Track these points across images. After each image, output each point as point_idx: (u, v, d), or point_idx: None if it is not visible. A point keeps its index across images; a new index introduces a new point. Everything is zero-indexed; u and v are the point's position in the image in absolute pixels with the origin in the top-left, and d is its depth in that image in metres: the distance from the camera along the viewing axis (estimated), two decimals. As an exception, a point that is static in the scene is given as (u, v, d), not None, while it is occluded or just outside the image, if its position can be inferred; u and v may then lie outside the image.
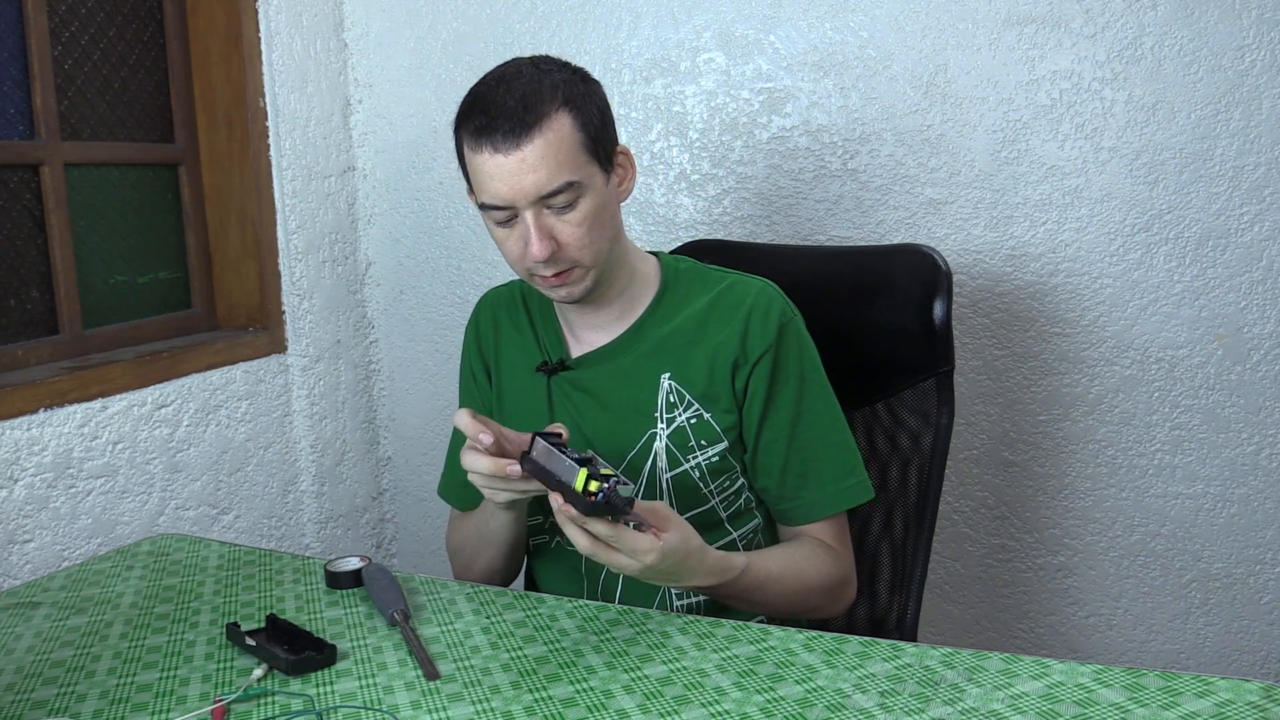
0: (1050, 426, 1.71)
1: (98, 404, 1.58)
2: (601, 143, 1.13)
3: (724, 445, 1.19)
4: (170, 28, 1.86)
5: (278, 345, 1.94)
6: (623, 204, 1.21)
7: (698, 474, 1.19)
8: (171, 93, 1.87)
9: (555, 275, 1.13)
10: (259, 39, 1.86)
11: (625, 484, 0.94)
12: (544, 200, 1.09)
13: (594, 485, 0.93)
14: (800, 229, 1.79)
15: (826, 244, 1.77)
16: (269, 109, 1.89)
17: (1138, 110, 1.59)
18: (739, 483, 1.23)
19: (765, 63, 1.77)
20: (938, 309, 1.31)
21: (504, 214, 1.11)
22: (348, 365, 2.11)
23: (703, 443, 1.19)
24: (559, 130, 1.08)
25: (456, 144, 1.14)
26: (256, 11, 1.85)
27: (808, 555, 1.19)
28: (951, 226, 1.70)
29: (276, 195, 1.91)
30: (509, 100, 1.07)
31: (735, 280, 1.23)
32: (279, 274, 1.93)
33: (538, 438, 1.00)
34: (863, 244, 1.74)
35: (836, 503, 1.20)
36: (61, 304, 1.67)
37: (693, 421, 1.19)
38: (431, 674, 0.98)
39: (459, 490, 1.32)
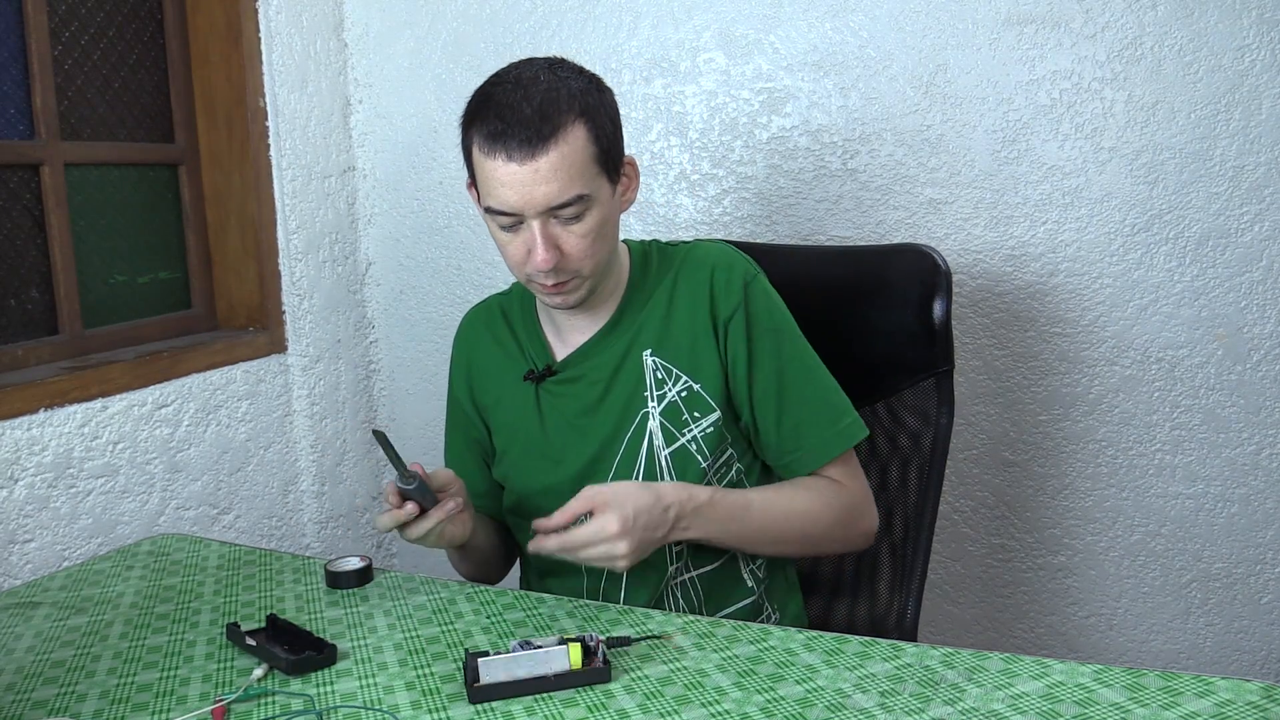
0: (1050, 426, 1.71)
1: (98, 404, 1.58)
2: (612, 154, 1.14)
3: (717, 415, 1.21)
4: (170, 27, 1.85)
5: (278, 345, 1.94)
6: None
7: (694, 447, 1.20)
8: (171, 93, 1.87)
9: (555, 284, 1.14)
10: (259, 38, 1.86)
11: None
12: (552, 211, 1.09)
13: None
14: (800, 229, 1.79)
15: (826, 244, 1.77)
16: (269, 109, 1.89)
17: (1138, 110, 1.59)
18: (732, 453, 1.25)
19: (765, 63, 1.77)
20: (937, 309, 1.31)
21: (510, 220, 1.11)
22: (348, 365, 2.11)
23: (695, 414, 1.20)
24: (574, 143, 1.08)
25: (464, 141, 1.14)
26: (256, 11, 1.85)
27: (804, 485, 1.22)
28: (951, 226, 1.70)
29: (276, 195, 1.91)
30: (526, 108, 1.07)
31: (693, 246, 1.27)
32: (279, 274, 1.93)
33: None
34: (863, 244, 1.74)
35: (834, 447, 1.22)
36: (61, 304, 1.67)
37: (683, 394, 1.20)
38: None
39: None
